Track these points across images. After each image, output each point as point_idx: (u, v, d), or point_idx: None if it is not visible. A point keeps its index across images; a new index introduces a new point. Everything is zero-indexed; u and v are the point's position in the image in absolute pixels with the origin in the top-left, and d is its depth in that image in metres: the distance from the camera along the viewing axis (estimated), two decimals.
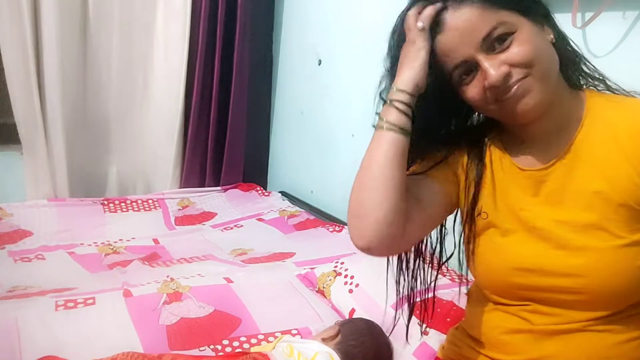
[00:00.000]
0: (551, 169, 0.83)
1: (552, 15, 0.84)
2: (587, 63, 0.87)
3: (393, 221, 0.81)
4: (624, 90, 0.86)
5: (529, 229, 0.84)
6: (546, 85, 0.78)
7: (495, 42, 0.77)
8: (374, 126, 0.86)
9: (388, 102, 0.83)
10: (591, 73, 0.87)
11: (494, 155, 0.90)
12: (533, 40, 0.77)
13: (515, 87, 0.76)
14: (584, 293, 0.79)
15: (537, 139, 0.85)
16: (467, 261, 0.94)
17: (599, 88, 0.87)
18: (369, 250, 0.85)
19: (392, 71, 0.86)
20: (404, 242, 0.88)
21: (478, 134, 0.92)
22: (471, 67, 0.79)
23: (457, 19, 0.77)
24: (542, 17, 0.81)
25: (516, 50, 0.76)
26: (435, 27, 0.79)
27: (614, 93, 0.86)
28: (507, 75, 0.76)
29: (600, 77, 0.87)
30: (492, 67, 0.76)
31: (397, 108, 0.81)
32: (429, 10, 0.79)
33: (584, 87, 0.86)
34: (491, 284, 0.90)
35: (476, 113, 0.93)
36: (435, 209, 0.91)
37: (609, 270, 0.77)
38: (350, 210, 0.84)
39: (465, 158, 0.92)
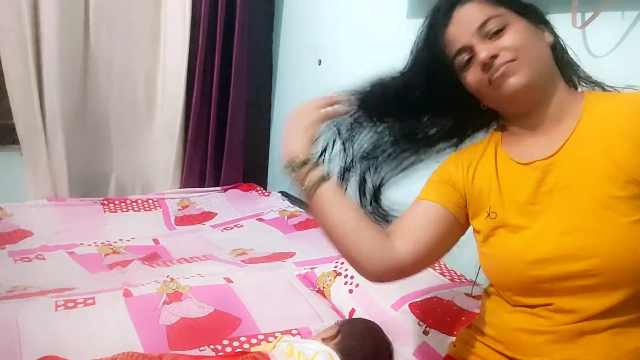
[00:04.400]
0: (557, 155, 0.86)
1: (552, 25, 0.92)
2: (584, 70, 0.94)
3: (373, 253, 0.90)
4: (620, 88, 0.90)
5: (539, 220, 0.86)
6: (533, 70, 0.85)
7: (492, 34, 0.86)
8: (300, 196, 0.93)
9: (296, 170, 0.92)
10: (588, 77, 0.93)
11: (498, 158, 0.94)
12: (524, 32, 0.86)
13: (502, 67, 0.84)
14: (601, 274, 0.79)
15: (539, 130, 0.89)
16: (482, 266, 0.95)
17: (596, 89, 0.92)
18: (380, 282, 0.96)
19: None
20: (407, 266, 0.93)
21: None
22: (470, 56, 0.88)
23: (461, 12, 0.89)
24: (540, 22, 0.90)
25: (506, 37, 0.86)
26: (444, 21, 0.90)
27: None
28: (494, 56, 0.85)
29: (597, 81, 0.93)
30: (483, 49, 0.86)
31: (310, 168, 0.92)
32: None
33: (583, 89, 0.92)
34: (509, 284, 0.90)
35: None
36: (431, 230, 0.93)
37: (621, 248, 0.78)
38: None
39: (467, 167, 0.96)
